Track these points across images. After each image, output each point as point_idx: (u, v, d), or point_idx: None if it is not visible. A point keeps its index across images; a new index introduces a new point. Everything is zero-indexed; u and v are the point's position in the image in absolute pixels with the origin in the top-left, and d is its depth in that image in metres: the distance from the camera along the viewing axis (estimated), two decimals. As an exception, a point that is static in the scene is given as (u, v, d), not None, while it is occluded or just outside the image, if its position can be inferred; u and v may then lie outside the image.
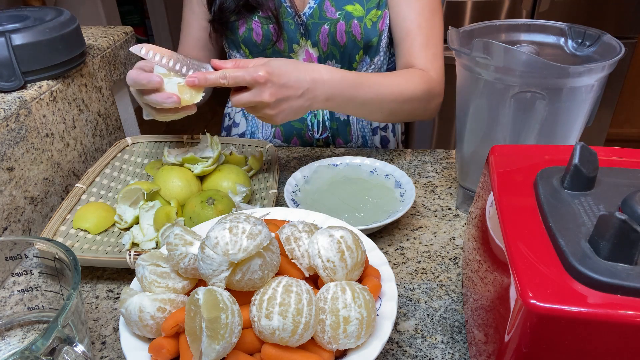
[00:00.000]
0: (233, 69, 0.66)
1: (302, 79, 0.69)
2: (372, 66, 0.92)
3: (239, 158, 0.82)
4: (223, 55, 1.00)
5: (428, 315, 0.57)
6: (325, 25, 0.85)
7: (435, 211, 0.75)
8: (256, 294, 0.44)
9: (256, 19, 0.86)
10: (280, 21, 0.85)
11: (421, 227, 0.71)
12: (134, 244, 0.67)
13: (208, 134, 0.81)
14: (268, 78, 0.65)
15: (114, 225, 0.71)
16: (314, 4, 0.86)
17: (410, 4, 0.85)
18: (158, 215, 0.67)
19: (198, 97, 0.67)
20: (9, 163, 0.68)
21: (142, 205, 0.69)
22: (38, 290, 0.57)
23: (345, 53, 0.88)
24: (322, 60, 0.90)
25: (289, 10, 0.86)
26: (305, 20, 0.86)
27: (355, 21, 0.85)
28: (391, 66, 0.98)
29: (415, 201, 0.77)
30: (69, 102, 0.81)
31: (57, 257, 0.52)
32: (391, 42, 0.92)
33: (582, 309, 0.32)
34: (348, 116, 0.97)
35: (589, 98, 0.60)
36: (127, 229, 0.71)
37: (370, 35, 0.86)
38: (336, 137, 0.99)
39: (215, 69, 0.68)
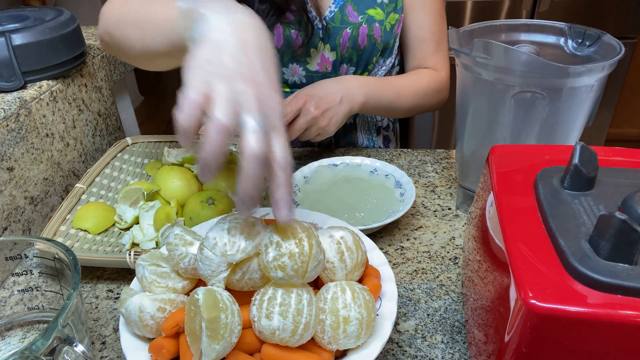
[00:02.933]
0: (286, 108, 0.74)
1: (335, 89, 0.78)
2: (384, 67, 0.94)
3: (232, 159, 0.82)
4: None
5: (428, 315, 0.57)
6: (347, 29, 0.86)
7: (435, 211, 0.75)
8: (256, 294, 0.44)
9: (278, 25, 0.84)
10: (313, 24, 0.84)
11: (421, 227, 0.71)
12: (134, 244, 0.67)
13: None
14: (308, 96, 0.75)
15: (114, 225, 0.71)
16: (335, 7, 0.85)
17: (425, 12, 0.90)
18: (158, 215, 0.67)
19: None
20: (9, 163, 0.68)
21: (142, 205, 0.69)
22: (38, 290, 0.57)
23: (364, 56, 0.89)
24: (337, 64, 0.89)
25: (310, 14, 0.85)
26: (325, 24, 0.86)
27: (377, 24, 0.86)
28: (399, 65, 1.01)
29: (415, 201, 0.77)
30: (69, 102, 0.81)
31: (57, 257, 0.52)
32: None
33: (582, 309, 0.32)
34: (354, 119, 0.97)
35: (589, 98, 0.60)
36: (127, 229, 0.71)
37: (388, 38, 0.89)
38: (340, 139, 0.99)
39: None
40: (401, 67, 1.02)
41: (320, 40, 0.87)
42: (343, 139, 0.99)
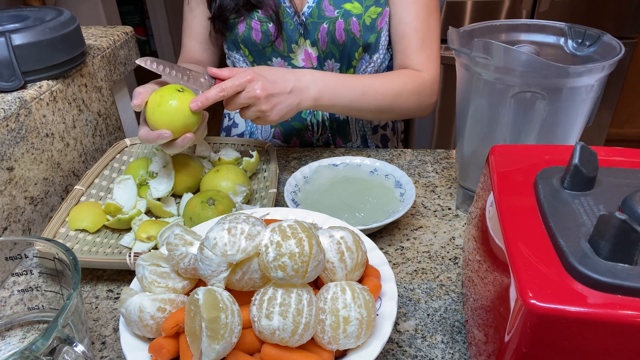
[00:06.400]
0: (227, 81, 0.69)
1: (288, 77, 0.74)
2: (372, 64, 0.92)
3: (229, 161, 0.81)
4: (224, 56, 1.00)
5: (428, 315, 0.57)
6: (324, 24, 0.85)
7: (435, 211, 0.75)
8: (256, 294, 0.44)
9: (256, 19, 0.86)
10: (280, 20, 0.86)
11: (421, 227, 0.71)
12: (136, 238, 0.67)
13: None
14: (257, 75, 0.70)
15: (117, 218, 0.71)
16: (313, 3, 0.85)
17: (406, 6, 0.85)
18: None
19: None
20: (9, 163, 0.68)
21: (116, 179, 0.74)
22: (38, 290, 0.57)
23: (345, 51, 0.88)
24: (321, 59, 0.90)
25: (289, 10, 0.86)
26: (304, 19, 0.86)
27: (354, 19, 0.85)
28: (391, 64, 0.97)
29: (415, 201, 0.77)
30: (69, 102, 0.81)
31: (57, 257, 0.52)
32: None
33: (582, 309, 0.32)
34: (347, 116, 0.97)
35: (589, 98, 0.60)
36: (125, 229, 0.71)
37: (369, 32, 0.87)
38: (336, 137, 0.99)
39: (213, 76, 0.72)
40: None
41: (301, 36, 0.88)
42: (338, 136, 0.99)
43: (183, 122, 0.67)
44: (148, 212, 0.74)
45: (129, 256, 0.59)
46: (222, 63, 1.02)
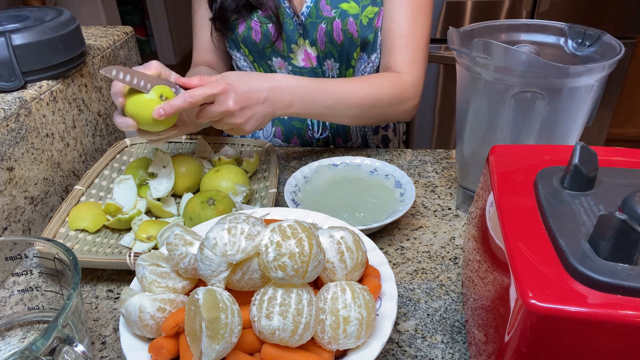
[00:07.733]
0: (196, 89, 0.67)
1: (261, 87, 0.72)
2: (370, 64, 0.92)
3: (229, 161, 0.81)
4: (230, 57, 1.00)
5: (428, 315, 0.57)
6: (322, 24, 0.85)
7: (435, 211, 0.75)
8: (256, 294, 0.44)
9: (255, 19, 0.86)
10: (280, 21, 0.86)
11: (421, 227, 0.71)
12: (137, 238, 0.67)
13: (201, 137, 0.84)
14: (229, 87, 0.68)
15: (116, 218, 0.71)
16: (311, 3, 0.86)
17: (393, 4, 0.84)
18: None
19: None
20: (9, 163, 0.68)
21: (116, 179, 0.74)
22: (38, 290, 0.57)
23: (343, 51, 0.88)
24: (321, 59, 0.90)
25: (288, 10, 0.86)
26: (303, 20, 0.86)
27: (351, 19, 0.85)
28: None
29: (415, 201, 0.77)
30: (69, 102, 0.81)
31: (57, 257, 0.52)
32: None
33: (582, 309, 0.32)
34: None
35: (589, 98, 0.60)
36: (125, 228, 0.71)
37: (366, 32, 0.86)
38: (336, 136, 0.99)
39: (182, 86, 0.69)
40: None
41: (300, 37, 0.88)
42: (338, 136, 0.99)
43: (144, 119, 0.67)
44: (148, 212, 0.74)
45: (129, 256, 0.59)
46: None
